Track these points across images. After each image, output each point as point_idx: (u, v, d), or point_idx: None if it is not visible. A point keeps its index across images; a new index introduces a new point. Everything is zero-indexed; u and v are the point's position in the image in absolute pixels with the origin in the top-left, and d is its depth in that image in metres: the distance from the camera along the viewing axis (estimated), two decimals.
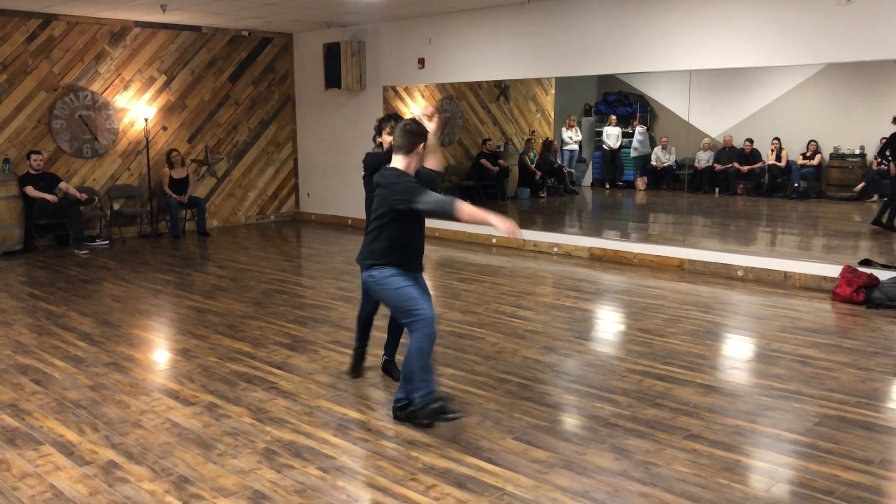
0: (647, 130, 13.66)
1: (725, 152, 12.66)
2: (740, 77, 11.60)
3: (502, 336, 5.83)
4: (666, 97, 13.24)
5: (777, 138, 12.12)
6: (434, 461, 3.69)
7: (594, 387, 4.72)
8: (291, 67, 12.43)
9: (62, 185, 9.72)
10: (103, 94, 10.54)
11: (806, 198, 12.19)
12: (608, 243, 9.14)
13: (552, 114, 13.99)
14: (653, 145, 13.56)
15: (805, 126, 12.05)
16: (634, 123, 13.73)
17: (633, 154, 13.80)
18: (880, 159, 10.84)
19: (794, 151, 12.11)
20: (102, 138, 10.58)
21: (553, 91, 13.90)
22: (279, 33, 12.13)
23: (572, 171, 14.08)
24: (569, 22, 8.91)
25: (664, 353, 5.37)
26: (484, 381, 4.78)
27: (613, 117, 13.89)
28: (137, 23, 10.64)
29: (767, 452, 3.82)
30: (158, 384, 4.85)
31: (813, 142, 11.93)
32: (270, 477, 3.54)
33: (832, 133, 11.86)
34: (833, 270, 7.26)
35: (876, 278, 6.86)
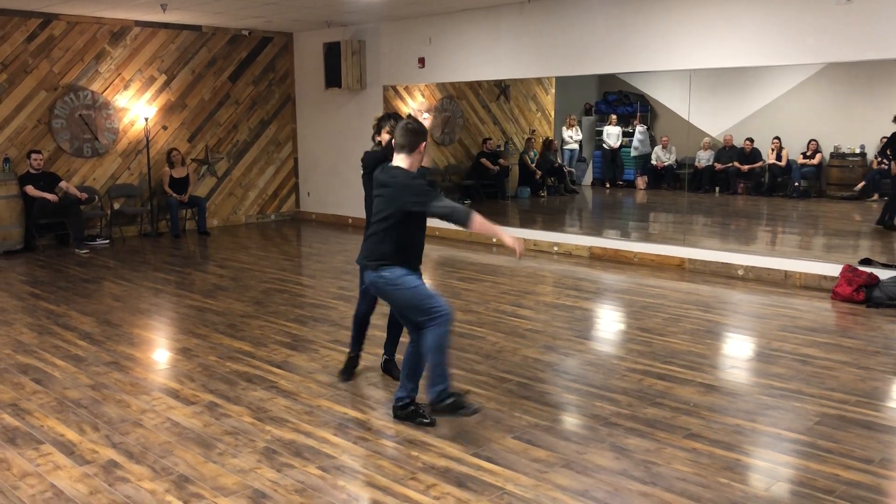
0: (648, 130, 13.66)
1: (726, 151, 12.66)
2: (740, 76, 11.60)
3: (502, 335, 5.83)
4: (666, 96, 13.25)
5: (777, 137, 12.12)
6: (434, 460, 3.69)
7: (594, 386, 4.73)
8: (292, 67, 12.43)
9: (62, 185, 9.73)
10: (103, 94, 10.54)
11: (806, 197, 12.19)
12: (608, 242, 9.14)
13: (552, 113, 14.00)
14: (653, 144, 13.56)
15: (805, 125, 12.05)
16: (635, 123, 13.73)
17: (634, 153, 13.81)
18: (881, 158, 10.84)
19: (795, 151, 12.11)
20: (103, 138, 10.58)
21: (553, 90, 13.90)
22: (279, 33, 12.13)
23: (572, 171, 14.09)
24: (569, 21, 8.91)
25: (664, 353, 5.37)
26: (484, 381, 4.78)
27: (614, 116, 13.89)
28: (137, 22, 10.64)
29: (767, 451, 3.82)
30: (159, 383, 4.86)
31: (813, 141, 11.94)
32: (271, 476, 3.54)
33: (832, 132, 11.86)
34: (833, 269, 7.26)
35: (876, 277, 6.86)
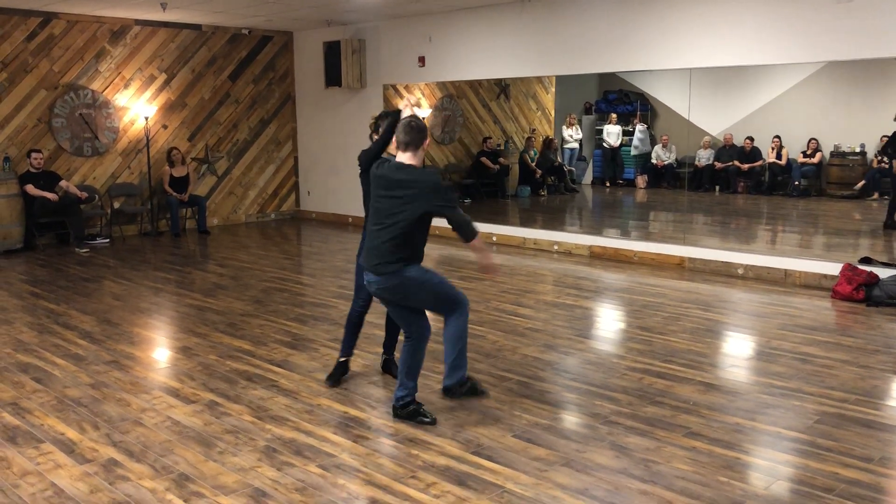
0: (648, 128, 13.65)
1: (726, 150, 12.66)
2: (741, 75, 11.59)
3: (502, 334, 5.83)
4: (666, 95, 13.24)
5: (777, 136, 12.11)
6: (434, 459, 3.69)
7: (594, 385, 4.73)
8: (292, 66, 12.43)
9: (62, 184, 9.73)
10: (104, 93, 10.54)
11: (806, 196, 12.19)
12: (608, 241, 9.14)
13: (552, 112, 13.99)
14: (653, 143, 13.55)
15: (805, 124, 12.05)
16: (635, 121, 13.72)
17: (634, 152, 13.80)
18: (881, 157, 10.84)
19: (795, 149, 12.10)
20: (103, 137, 10.58)
21: (553, 89, 13.89)
22: (279, 31, 12.13)
23: (573, 170, 14.09)
24: (569, 20, 8.91)
25: (664, 351, 5.37)
26: (484, 379, 4.78)
27: (614, 115, 13.88)
28: (137, 21, 10.64)
29: (767, 450, 3.82)
30: (159, 382, 4.86)
31: (813, 140, 11.93)
32: (271, 475, 3.54)
33: (832, 131, 11.84)
34: (833, 268, 7.26)
35: (876, 276, 6.86)
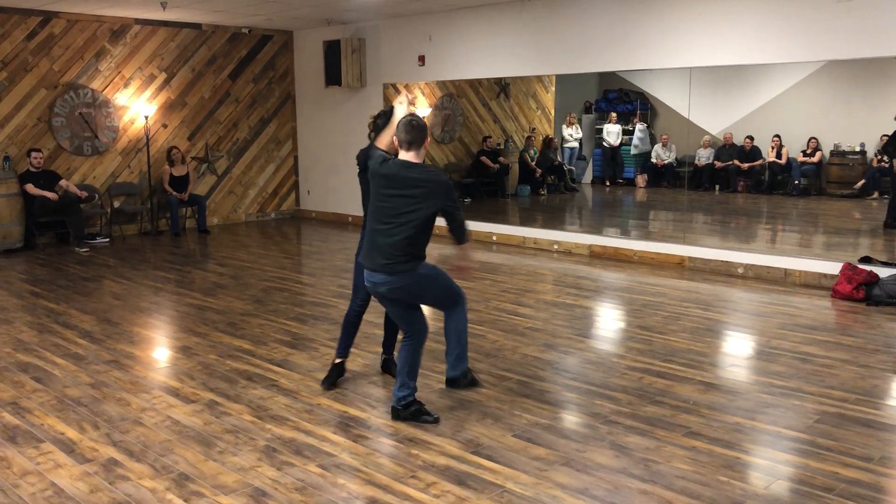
0: (648, 128, 13.64)
1: (726, 149, 12.65)
2: (741, 74, 11.58)
3: (502, 333, 5.83)
4: (666, 94, 13.22)
5: (777, 135, 12.10)
6: (434, 458, 3.69)
7: (594, 384, 4.73)
8: (292, 65, 12.42)
9: (62, 183, 9.73)
10: (103, 92, 10.54)
11: (806, 195, 12.18)
12: (608, 241, 9.14)
13: (552, 111, 13.98)
14: (653, 142, 13.54)
15: (805, 123, 12.04)
16: (635, 121, 13.71)
17: (634, 151, 13.79)
18: (881, 156, 10.83)
19: (795, 148, 12.09)
20: (103, 136, 10.58)
21: (553, 88, 13.88)
22: (279, 31, 12.12)
23: (572, 169, 14.08)
24: (569, 19, 8.91)
25: (664, 351, 5.37)
26: (484, 379, 4.78)
27: (614, 115, 13.87)
28: (137, 20, 10.63)
29: (767, 449, 3.82)
30: (159, 382, 4.86)
31: (813, 139, 11.92)
32: (271, 474, 3.54)
33: (833, 130, 11.83)
34: (833, 268, 7.26)
35: (876, 275, 6.86)
